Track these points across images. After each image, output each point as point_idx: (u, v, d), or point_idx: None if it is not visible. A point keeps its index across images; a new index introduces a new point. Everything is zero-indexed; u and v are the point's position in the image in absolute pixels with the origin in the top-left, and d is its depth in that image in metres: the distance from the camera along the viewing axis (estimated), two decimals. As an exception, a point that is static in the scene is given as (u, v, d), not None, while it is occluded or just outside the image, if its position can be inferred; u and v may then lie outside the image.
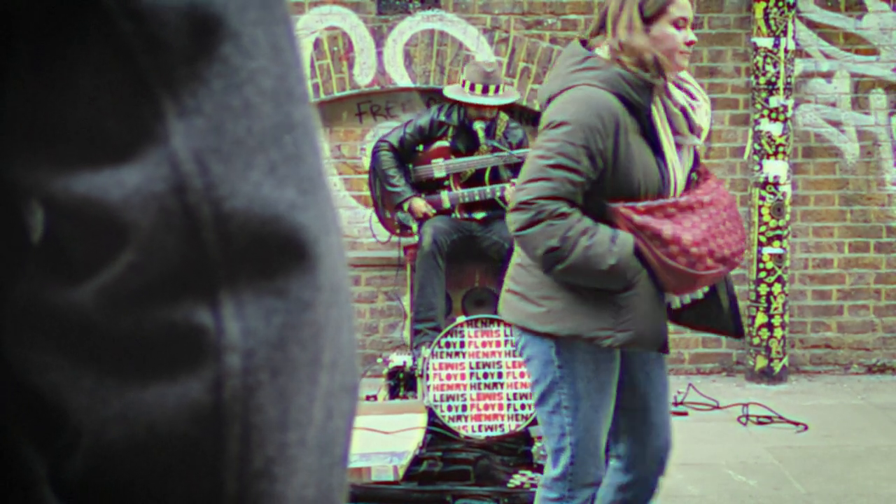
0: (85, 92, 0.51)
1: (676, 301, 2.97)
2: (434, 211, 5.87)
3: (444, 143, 5.90)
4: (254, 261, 0.52)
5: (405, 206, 5.87)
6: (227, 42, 0.52)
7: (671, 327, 2.71)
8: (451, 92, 5.89)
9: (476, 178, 5.91)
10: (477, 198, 5.85)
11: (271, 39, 0.54)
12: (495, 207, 5.89)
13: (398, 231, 6.00)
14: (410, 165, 5.97)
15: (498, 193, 5.82)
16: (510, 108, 6.17)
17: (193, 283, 0.52)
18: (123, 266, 0.51)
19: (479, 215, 5.90)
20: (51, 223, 0.53)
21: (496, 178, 5.88)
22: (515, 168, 5.86)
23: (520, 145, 5.84)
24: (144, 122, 0.51)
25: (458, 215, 5.90)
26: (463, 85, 5.81)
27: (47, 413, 0.54)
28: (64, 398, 0.53)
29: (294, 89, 0.55)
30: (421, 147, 5.94)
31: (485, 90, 5.74)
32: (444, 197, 5.91)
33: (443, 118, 5.91)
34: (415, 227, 5.89)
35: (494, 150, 5.79)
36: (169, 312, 0.51)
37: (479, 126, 5.76)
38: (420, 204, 5.86)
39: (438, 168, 5.91)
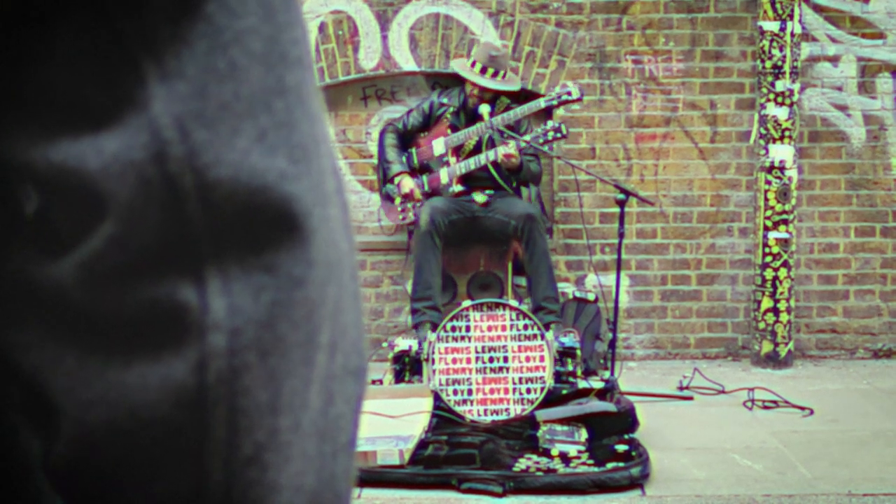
0: (62, 56, 0.48)
1: None
2: (420, 196, 5.87)
3: (444, 124, 5.92)
4: (241, 234, 0.49)
5: (396, 181, 5.90)
6: (211, 0, 0.49)
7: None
8: (457, 66, 5.94)
9: (475, 154, 5.92)
10: (472, 166, 5.86)
11: None
12: (497, 188, 5.89)
13: (401, 218, 6.01)
14: (413, 150, 5.98)
15: (491, 157, 5.81)
16: (514, 93, 6.16)
17: (176, 258, 0.49)
18: (103, 240, 0.49)
19: (481, 199, 5.88)
20: (36, 195, 0.51)
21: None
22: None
23: (518, 125, 5.85)
24: (124, 87, 0.48)
25: (455, 188, 5.89)
26: (471, 64, 5.84)
27: (36, 397, 0.52)
28: (46, 379, 0.51)
29: (287, 52, 0.52)
30: (424, 134, 5.96)
31: (483, 71, 5.75)
32: (443, 173, 5.92)
33: (444, 100, 5.95)
34: (398, 199, 5.91)
35: (500, 132, 5.78)
36: (151, 289, 0.49)
37: (484, 109, 5.76)
38: (410, 181, 5.88)
39: (438, 146, 5.92)
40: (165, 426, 0.49)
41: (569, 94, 5.82)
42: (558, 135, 5.75)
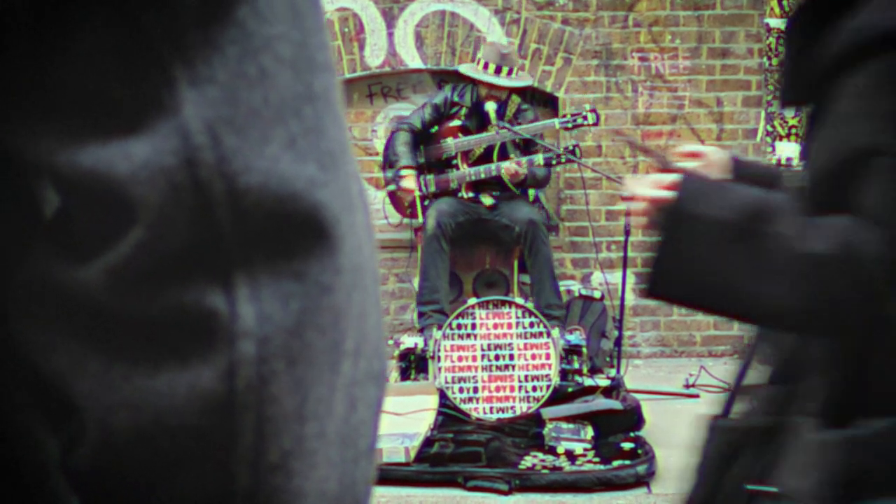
0: (87, 57, 0.48)
1: None
2: (418, 193, 5.85)
3: (457, 123, 5.90)
4: (270, 241, 0.49)
5: (401, 172, 5.86)
6: (242, 5, 0.49)
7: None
8: (465, 69, 5.90)
9: (485, 158, 5.90)
10: (483, 175, 5.84)
11: (290, 3, 0.51)
12: (504, 189, 5.88)
13: (408, 212, 6.00)
14: (421, 147, 5.97)
15: (501, 170, 5.81)
16: (522, 92, 6.16)
17: (205, 264, 0.49)
18: (132, 245, 0.48)
19: (488, 201, 5.88)
20: (61, 198, 0.51)
21: (504, 157, 5.87)
22: (524, 147, 5.86)
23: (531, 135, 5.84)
24: (154, 91, 0.48)
25: (465, 194, 5.89)
26: (478, 63, 5.82)
27: (57, 398, 0.52)
28: (70, 383, 0.51)
29: (315, 57, 0.52)
30: (436, 128, 5.94)
31: (497, 70, 5.73)
32: (452, 176, 5.90)
33: (456, 98, 5.92)
34: (392, 186, 5.88)
35: (507, 130, 5.77)
36: (179, 295, 0.49)
37: (490, 107, 5.75)
38: (412, 182, 5.83)
39: (447, 147, 5.90)
40: (192, 432, 0.49)
41: (584, 118, 5.82)
42: (571, 157, 5.76)
